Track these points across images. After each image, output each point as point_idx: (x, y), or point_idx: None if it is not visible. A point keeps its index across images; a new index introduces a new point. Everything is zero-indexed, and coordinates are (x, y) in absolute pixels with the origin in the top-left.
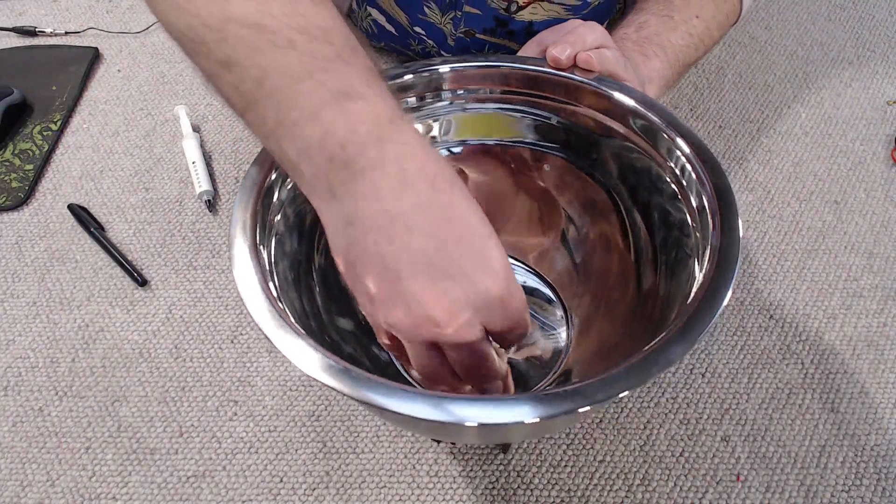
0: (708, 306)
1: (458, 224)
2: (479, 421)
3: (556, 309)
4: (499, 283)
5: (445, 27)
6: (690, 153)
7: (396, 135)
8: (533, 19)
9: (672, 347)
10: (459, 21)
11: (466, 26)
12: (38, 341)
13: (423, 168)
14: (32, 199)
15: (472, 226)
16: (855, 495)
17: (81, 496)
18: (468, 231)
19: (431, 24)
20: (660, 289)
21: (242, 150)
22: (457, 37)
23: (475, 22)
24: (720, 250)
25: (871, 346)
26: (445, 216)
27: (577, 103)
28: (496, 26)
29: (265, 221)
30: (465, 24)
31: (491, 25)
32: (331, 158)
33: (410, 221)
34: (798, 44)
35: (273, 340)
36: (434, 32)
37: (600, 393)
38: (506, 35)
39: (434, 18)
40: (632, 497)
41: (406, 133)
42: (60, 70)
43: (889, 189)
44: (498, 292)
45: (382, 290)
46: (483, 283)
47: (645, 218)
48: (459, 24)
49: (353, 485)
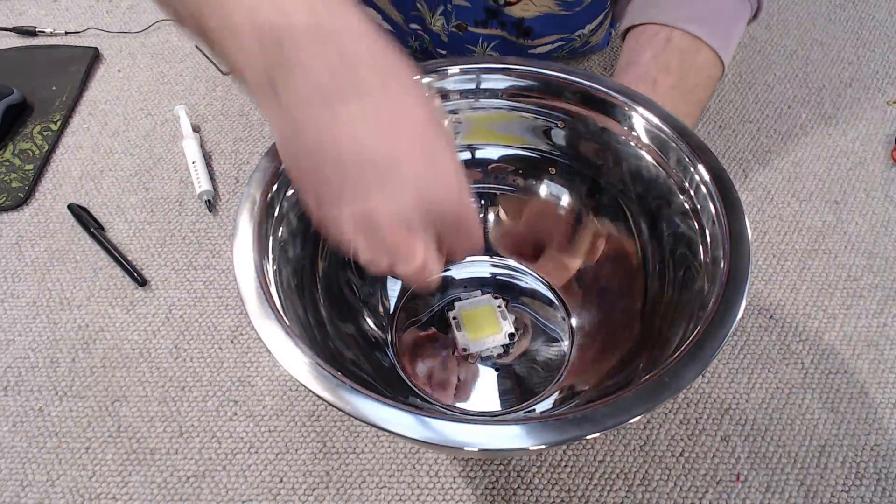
0: (718, 327)
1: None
2: (481, 447)
3: (557, 312)
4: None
5: (436, 24)
6: (701, 167)
7: (337, 21)
8: (525, 15)
9: (683, 371)
10: (450, 15)
11: (458, 20)
12: (38, 341)
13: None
14: (32, 199)
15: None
16: (855, 495)
17: (81, 496)
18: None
19: (424, 21)
20: (667, 304)
21: (242, 150)
22: (450, 32)
23: (466, 14)
24: (730, 269)
25: (871, 346)
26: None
27: (587, 108)
28: (487, 18)
29: (268, 226)
30: (457, 17)
31: (482, 17)
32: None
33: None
34: (798, 44)
35: (281, 361)
36: (427, 29)
37: (610, 419)
38: (498, 25)
39: (425, 16)
40: (632, 497)
41: (348, 21)
42: (60, 70)
43: (889, 189)
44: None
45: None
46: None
47: (652, 229)
48: (451, 18)
49: (353, 485)
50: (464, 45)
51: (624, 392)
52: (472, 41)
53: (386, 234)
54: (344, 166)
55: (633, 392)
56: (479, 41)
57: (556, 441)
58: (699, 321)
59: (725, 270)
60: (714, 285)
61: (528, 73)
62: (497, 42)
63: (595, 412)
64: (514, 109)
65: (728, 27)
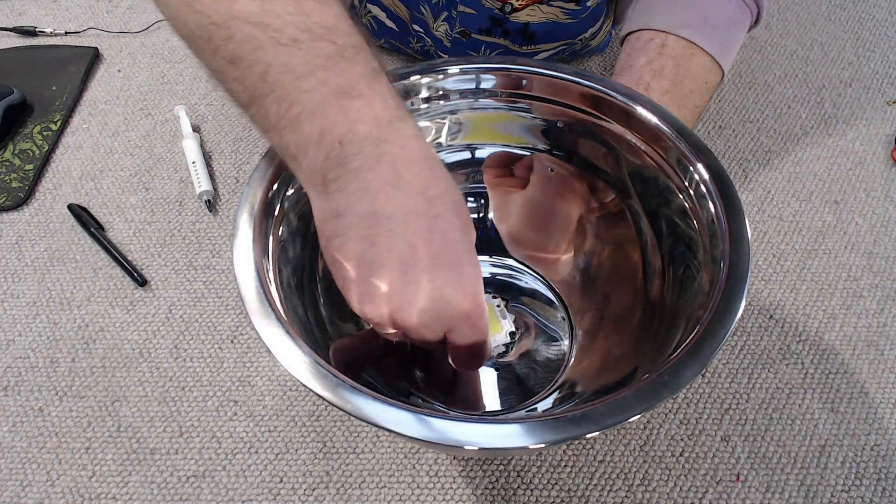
0: (717, 326)
1: (440, 238)
2: (481, 445)
3: (557, 312)
4: (467, 301)
5: (439, 30)
6: (701, 166)
7: (394, 136)
8: (531, 20)
9: (682, 370)
10: (455, 21)
11: (462, 26)
12: (38, 341)
13: (417, 174)
14: (32, 199)
15: (453, 241)
16: (855, 495)
17: (81, 496)
18: (448, 246)
19: (427, 25)
20: (666, 304)
21: (242, 150)
22: (453, 37)
23: (470, 22)
24: (729, 269)
25: (871, 346)
26: (430, 227)
27: (587, 108)
28: (491, 26)
29: (268, 225)
30: (461, 23)
31: (486, 25)
32: (328, 155)
33: (395, 226)
34: (798, 44)
35: (282, 363)
36: (430, 33)
37: (610, 418)
38: (501, 34)
39: (428, 21)
40: (632, 497)
41: (405, 136)
42: (60, 70)
43: (889, 189)
44: (464, 309)
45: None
46: (453, 297)
47: (651, 229)
48: (455, 24)
49: (353, 485)
50: (466, 51)
51: (623, 391)
52: (474, 48)
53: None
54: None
55: (633, 391)
56: (482, 48)
57: (556, 440)
58: (699, 320)
59: (725, 270)
60: (714, 284)
61: (528, 73)
62: (500, 51)
63: (594, 411)
64: (513, 109)
65: (726, 33)
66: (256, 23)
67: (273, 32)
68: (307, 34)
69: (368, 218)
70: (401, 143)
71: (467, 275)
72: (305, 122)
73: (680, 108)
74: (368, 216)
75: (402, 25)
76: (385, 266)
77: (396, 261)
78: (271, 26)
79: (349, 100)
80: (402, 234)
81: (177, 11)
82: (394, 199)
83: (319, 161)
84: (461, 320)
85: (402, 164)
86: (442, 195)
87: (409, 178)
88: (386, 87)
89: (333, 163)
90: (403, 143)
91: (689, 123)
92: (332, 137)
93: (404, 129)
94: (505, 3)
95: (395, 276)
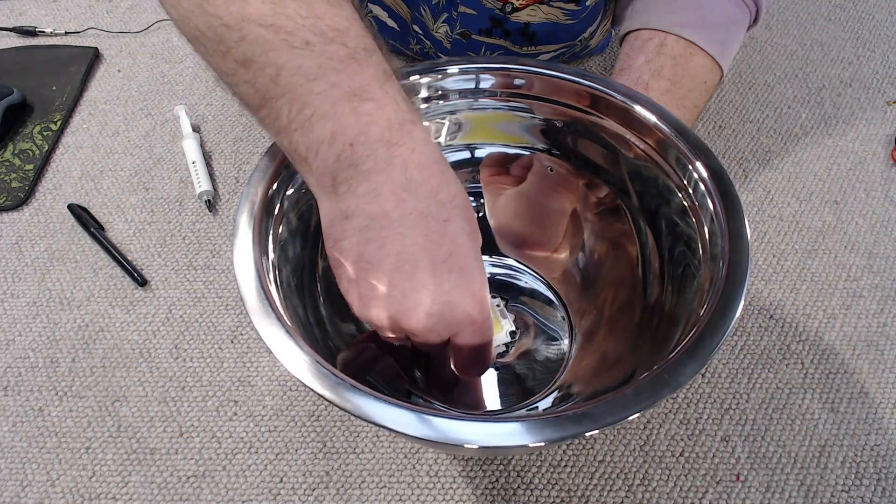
0: (717, 325)
1: (450, 242)
2: (481, 444)
3: (556, 311)
4: (475, 306)
5: (439, 31)
6: (700, 165)
7: (406, 139)
8: (531, 20)
9: (681, 368)
10: (455, 22)
11: (462, 27)
12: (38, 341)
13: (428, 178)
14: (32, 199)
15: (462, 245)
16: (855, 495)
17: (81, 496)
18: (457, 250)
19: (427, 27)
20: (665, 303)
21: (242, 150)
22: (453, 39)
23: (471, 22)
24: (729, 268)
25: (871, 346)
26: (440, 231)
27: (586, 107)
28: (492, 27)
29: (268, 225)
30: (461, 24)
31: (486, 26)
32: (339, 156)
33: (405, 229)
34: (798, 44)
35: (282, 362)
36: (430, 35)
37: (610, 416)
38: (502, 35)
39: (427, 22)
40: (632, 497)
41: (416, 139)
42: (60, 70)
43: (889, 189)
44: (471, 314)
45: (363, 283)
46: (460, 302)
47: (651, 228)
48: (455, 25)
49: (353, 485)
50: (466, 52)
51: (623, 389)
52: (474, 49)
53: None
54: (382, 268)
55: (633, 389)
56: (482, 49)
57: (556, 438)
58: (698, 319)
59: (725, 268)
60: (713, 283)
61: (527, 72)
62: (500, 52)
63: (594, 409)
64: (512, 109)
65: (725, 32)
66: (268, 25)
67: (285, 35)
68: (319, 37)
69: (378, 220)
70: (412, 146)
71: (475, 280)
72: (317, 124)
73: (679, 107)
74: (378, 218)
75: (404, 25)
76: (393, 268)
77: (405, 263)
78: (283, 29)
79: (361, 102)
80: (411, 238)
81: (187, 13)
82: (404, 202)
83: (330, 162)
84: (467, 325)
85: (413, 168)
86: (452, 199)
87: (420, 181)
88: (397, 89)
89: (344, 164)
90: (415, 147)
91: (689, 123)
92: (343, 139)
93: (416, 132)
94: (505, 2)
95: (402, 279)
